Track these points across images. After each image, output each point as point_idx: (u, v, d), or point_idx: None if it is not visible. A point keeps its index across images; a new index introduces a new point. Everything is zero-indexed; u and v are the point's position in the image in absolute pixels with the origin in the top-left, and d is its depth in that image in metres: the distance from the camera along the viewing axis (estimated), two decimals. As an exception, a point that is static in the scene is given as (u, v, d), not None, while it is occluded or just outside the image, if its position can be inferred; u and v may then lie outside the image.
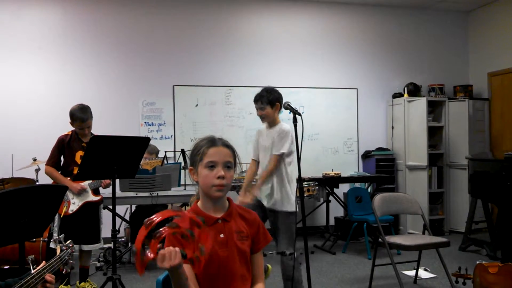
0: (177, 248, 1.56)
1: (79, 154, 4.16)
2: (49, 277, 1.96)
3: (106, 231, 4.52)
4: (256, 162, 4.06)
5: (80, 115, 4.12)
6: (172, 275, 1.64)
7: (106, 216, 4.60)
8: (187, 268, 1.68)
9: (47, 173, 4.21)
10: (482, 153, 7.11)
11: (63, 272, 2.18)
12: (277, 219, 3.78)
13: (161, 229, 1.56)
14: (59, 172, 4.22)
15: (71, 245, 2.23)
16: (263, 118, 3.98)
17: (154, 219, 1.58)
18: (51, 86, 6.38)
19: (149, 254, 1.54)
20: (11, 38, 6.30)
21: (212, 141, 1.91)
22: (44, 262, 1.99)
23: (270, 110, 3.90)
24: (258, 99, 3.95)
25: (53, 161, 4.20)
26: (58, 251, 2.14)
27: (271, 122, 3.95)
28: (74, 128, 4.24)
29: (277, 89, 4.02)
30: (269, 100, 3.88)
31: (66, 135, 4.24)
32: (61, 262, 2.10)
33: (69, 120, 4.19)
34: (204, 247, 1.61)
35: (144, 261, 1.53)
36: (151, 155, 5.57)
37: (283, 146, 3.77)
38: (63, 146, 4.19)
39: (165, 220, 1.62)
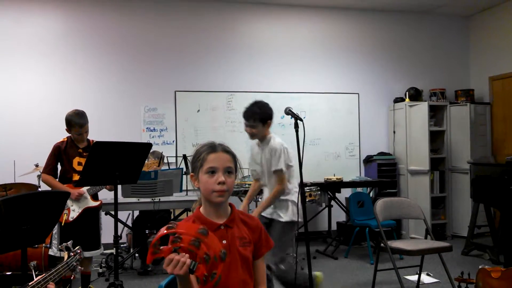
0: (188, 260, 1.57)
1: (76, 160, 4.15)
2: (51, 285, 1.96)
3: (108, 237, 4.52)
4: (257, 180, 3.92)
5: (78, 121, 4.11)
6: (179, 281, 1.65)
7: (108, 221, 4.61)
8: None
9: (44, 181, 4.18)
10: (484, 157, 7.11)
11: (72, 278, 2.19)
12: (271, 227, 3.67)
13: (182, 236, 1.58)
14: (57, 179, 4.20)
15: (79, 251, 2.23)
16: (252, 136, 3.73)
17: (176, 227, 1.60)
18: (53, 92, 6.41)
19: (161, 251, 1.56)
20: (12, 44, 6.33)
21: (212, 147, 1.92)
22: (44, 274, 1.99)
23: (261, 128, 3.66)
24: (250, 116, 3.65)
25: (49, 169, 4.16)
26: (66, 257, 2.14)
27: (262, 138, 3.74)
28: (69, 135, 4.23)
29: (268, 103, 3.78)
30: (261, 118, 3.64)
31: (62, 142, 4.21)
32: (69, 268, 2.10)
33: (65, 127, 4.17)
34: (217, 275, 1.61)
35: (154, 254, 1.55)
36: (156, 158, 5.60)
37: (278, 163, 3.59)
38: (60, 153, 4.16)
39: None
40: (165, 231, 1.59)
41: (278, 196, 3.65)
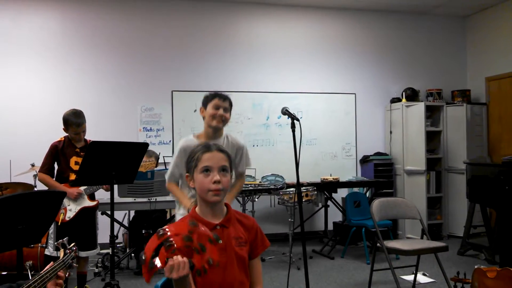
0: (185, 259, 1.58)
1: (73, 159, 4.14)
2: (61, 272, 1.98)
3: (104, 237, 4.52)
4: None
5: (75, 120, 4.10)
6: (178, 284, 1.65)
7: (104, 221, 4.60)
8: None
9: (40, 180, 4.17)
10: (480, 157, 7.13)
11: (67, 275, 2.18)
12: None
13: (171, 239, 1.57)
14: (53, 178, 4.20)
15: (74, 248, 2.22)
16: (222, 122, 3.14)
17: (168, 232, 1.58)
18: (50, 92, 6.39)
19: (157, 263, 1.54)
20: (10, 44, 6.31)
21: (206, 147, 1.93)
22: (52, 262, 1.99)
23: (229, 117, 3.18)
24: (227, 97, 3.15)
25: (46, 168, 4.15)
26: (62, 254, 2.14)
27: (218, 133, 3.19)
28: (66, 134, 4.22)
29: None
30: (231, 106, 3.20)
31: (59, 141, 4.20)
32: (64, 266, 2.10)
33: (63, 127, 4.17)
34: (212, 259, 1.62)
35: (152, 270, 1.54)
36: (150, 157, 5.58)
37: (249, 161, 3.26)
38: (57, 153, 4.15)
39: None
40: (158, 240, 1.58)
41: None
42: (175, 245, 1.57)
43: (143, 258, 1.53)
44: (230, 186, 2.38)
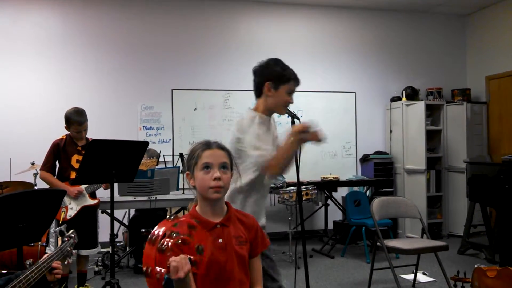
0: (182, 255, 1.58)
1: (75, 158, 4.15)
2: (55, 263, 1.96)
3: (104, 235, 4.52)
4: None
5: (77, 118, 4.11)
6: (181, 284, 1.63)
7: (104, 220, 4.60)
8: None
9: (42, 178, 4.18)
10: (480, 156, 7.13)
11: (66, 263, 2.17)
12: None
13: (164, 241, 1.57)
14: (55, 177, 4.20)
15: (73, 235, 2.20)
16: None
17: (158, 233, 1.58)
18: (50, 91, 6.39)
19: (161, 270, 1.54)
20: (10, 43, 6.30)
21: (206, 144, 1.93)
22: (47, 254, 1.99)
23: None
24: (299, 81, 2.86)
25: (48, 166, 4.16)
26: (60, 242, 2.13)
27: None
28: (68, 132, 4.22)
29: None
30: None
31: (61, 139, 4.21)
32: (62, 254, 2.08)
33: (64, 125, 4.17)
34: (202, 245, 1.62)
35: (160, 279, 1.53)
36: (151, 158, 5.57)
37: None
38: (58, 151, 4.16)
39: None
40: (153, 247, 1.59)
41: None
42: (169, 244, 1.57)
43: (149, 271, 1.53)
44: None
